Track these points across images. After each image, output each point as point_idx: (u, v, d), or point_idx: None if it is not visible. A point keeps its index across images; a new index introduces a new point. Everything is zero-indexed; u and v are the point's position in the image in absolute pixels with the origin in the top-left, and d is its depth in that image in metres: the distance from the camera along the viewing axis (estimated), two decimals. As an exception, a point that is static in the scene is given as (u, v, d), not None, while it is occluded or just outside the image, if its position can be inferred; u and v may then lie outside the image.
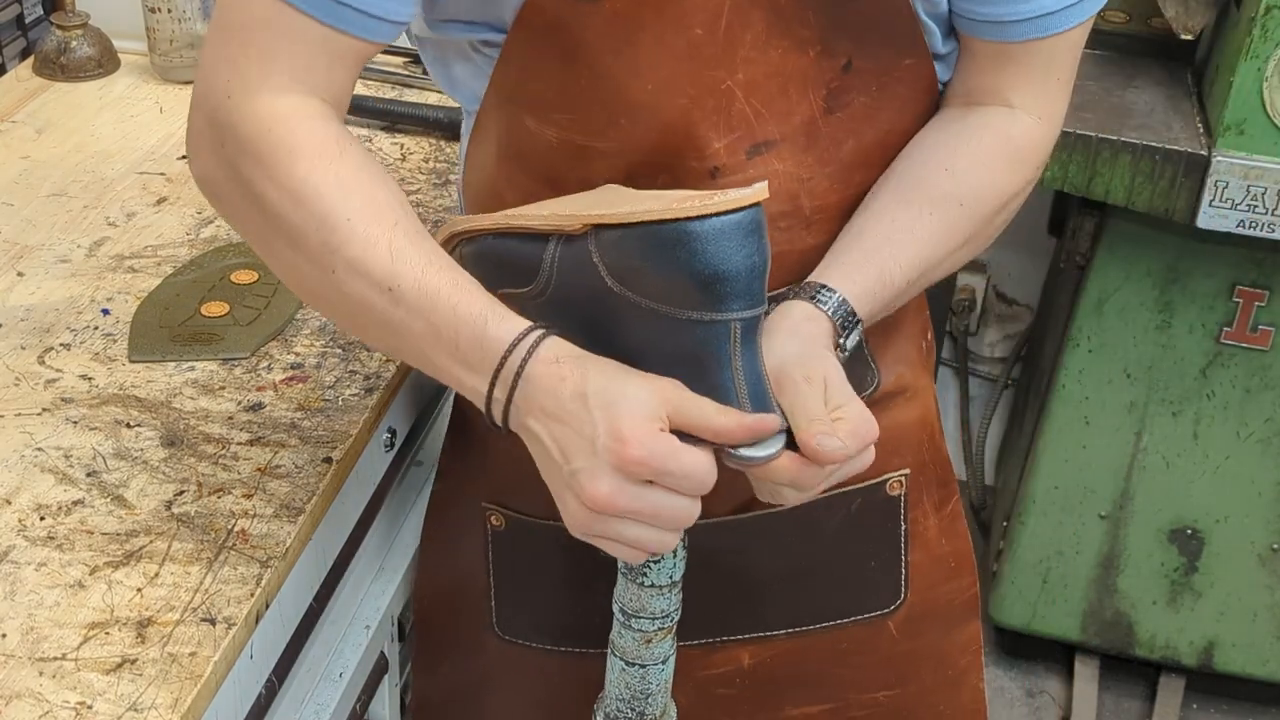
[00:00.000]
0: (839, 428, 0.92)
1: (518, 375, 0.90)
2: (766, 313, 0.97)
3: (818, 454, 0.91)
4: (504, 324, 0.92)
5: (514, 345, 0.91)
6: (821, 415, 0.93)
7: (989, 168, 1.09)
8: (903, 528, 1.23)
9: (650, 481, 0.87)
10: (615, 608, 1.04)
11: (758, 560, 1.19)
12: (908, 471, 1.22)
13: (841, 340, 1.02)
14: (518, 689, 1.29)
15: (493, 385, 0.91)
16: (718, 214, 0.90)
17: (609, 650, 1.06)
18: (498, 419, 0.93)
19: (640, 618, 1.02)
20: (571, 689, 1.19)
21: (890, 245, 1.06)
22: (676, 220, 0.89)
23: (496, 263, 1.00)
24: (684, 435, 0.90)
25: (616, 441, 0.86)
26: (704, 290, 0.91)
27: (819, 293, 1.02)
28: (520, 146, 1.07)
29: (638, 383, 0.89)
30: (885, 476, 1.21)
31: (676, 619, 1.04)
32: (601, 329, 0.95)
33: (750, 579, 1.20)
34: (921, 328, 1.25)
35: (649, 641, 1.03)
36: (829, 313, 1.01)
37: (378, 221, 0.93)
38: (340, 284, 0.93)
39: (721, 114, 1.02)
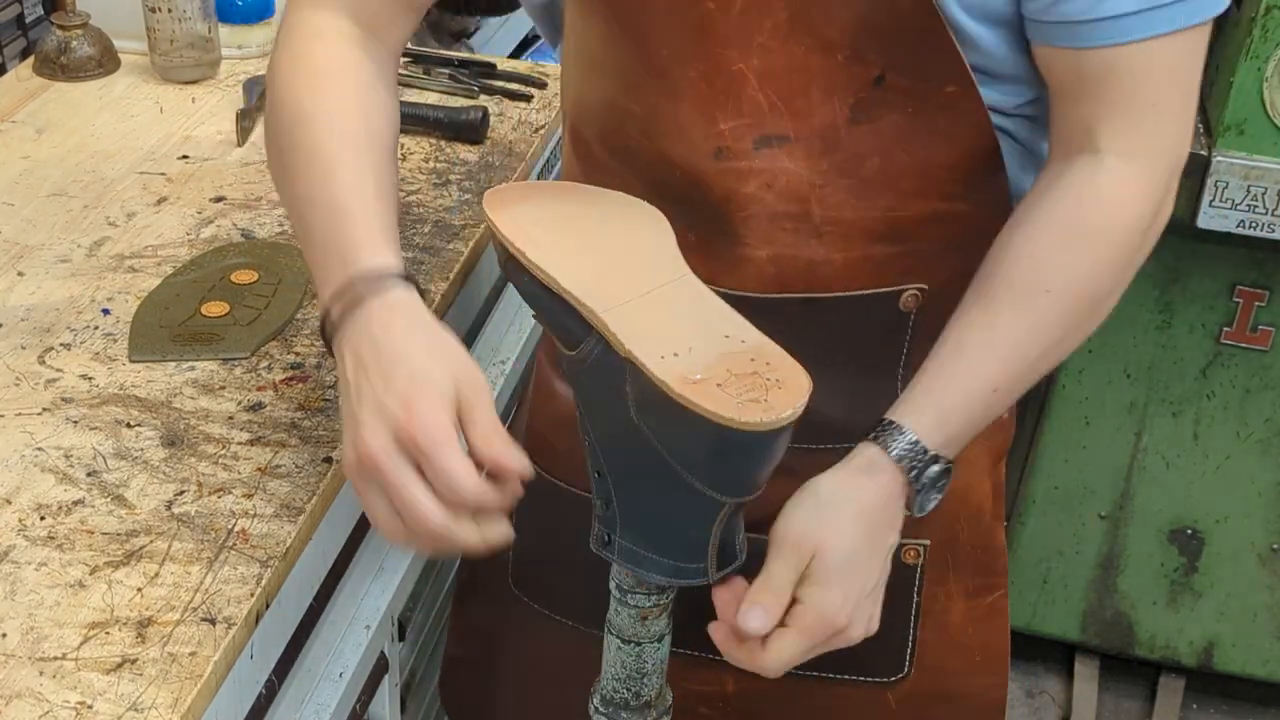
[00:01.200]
0: (792, 611, 0.94)
1: (354, 303, 0.93)
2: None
3: (736, 623, 0.94)
4: (378, 257, 0.95)
5: (369, 277, 0.94)
6: (775, 588, 0.94)
7: (1076, 245, 0.99)
8: (914, 600, 1.20)
9: (420, 470, 0.88)
10: (611, 584, 1.04)
11: None
12: (927, 543, 1.18)
13: (914, 478, 0.98)
14: (527, 651, 1.28)
15: (333, 300, 0.95)
16: (753, 431, 0.88)
17: (605, 629, 1.06)
18: (324, 334, 0.96)
19: (636, 593, 1.03)
20: (576, 666, 1.18)
21: (970, 356, 1.00)
22: (713, 418, 0.88)
23: (548, 309, 1.00)
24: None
25: (403, 410, 0.88)
26: (714, 477, 0.93)
27: (888, 432, 0.99)
28: (587, 100, 1.11)
29: (449, 368, 0.92)
30: (901, 543, 1.14)
31: (672, 596, 1.04)
32: (621, 428, 0.95)
33: None
34: None
35: (645, 618, 1.04)
36: (895, 456, 0.98)
37: (344, 117, 1.02)
38: (291, 145, 1.02)
39: (731, 96, 1.01)
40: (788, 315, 1.09)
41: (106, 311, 1.29)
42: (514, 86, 1.73)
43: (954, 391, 0.99)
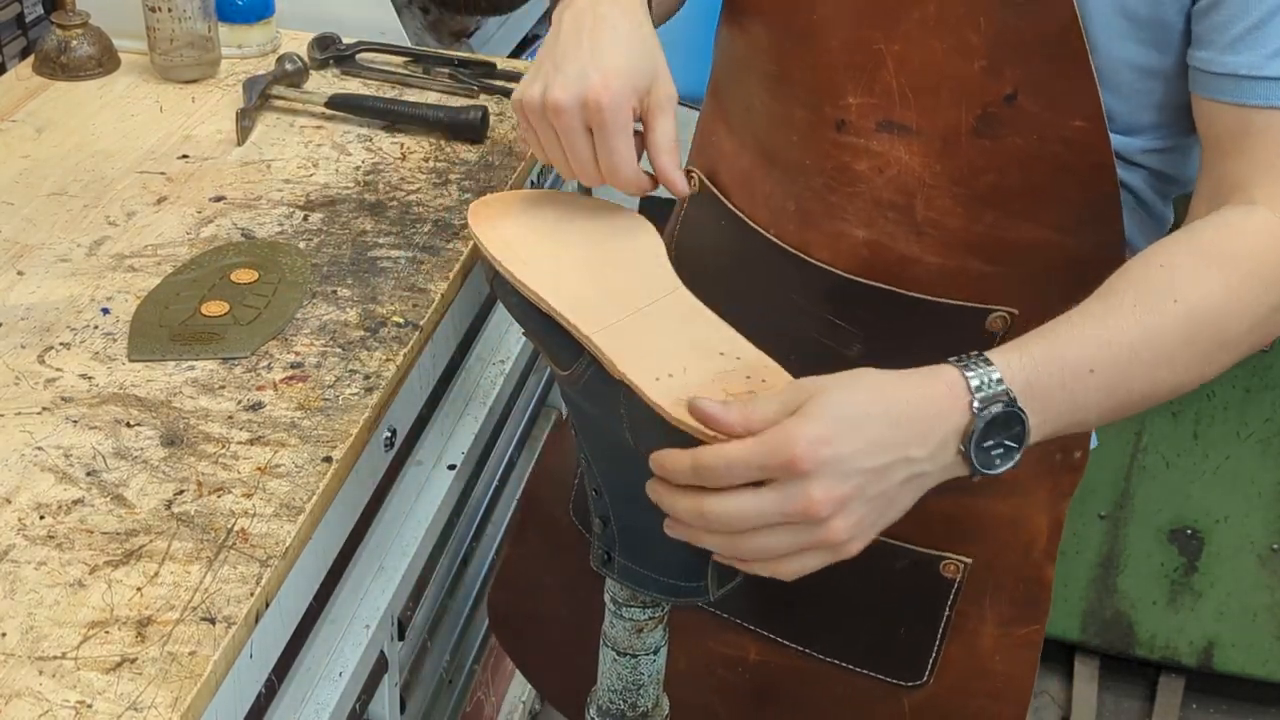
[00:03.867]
0: (746, 401, 0.86)
1: None
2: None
3: (690, 406, 0.86)
4: None
5: None
6: (750, 406, 0.86)
7: (1213, 263, 0.93)
8: (946, 614, 1.19)
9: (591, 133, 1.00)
10: (607, 597, 1.05)
11: None
12: (970, 562, 1.17)
13: (977, 407, 0.86)
14: (575, 576, 1.29)
15: None
16: None
17: (601, 641, 1.06)
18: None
19: (631, 606, 1.03)
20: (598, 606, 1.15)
21: (1077, 330, 0.91)
22: (709, 441, 0.86)
23: (537, 328, 1.00)
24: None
25: (602, 83, 0.98)
26: None
27: (969, 357, 0.89)
28: (736, 53, 1.16)
29: (653, 70, 1.01)
30: (943, 554, 1.15)
31: (668, 609, 1.04)
32: (616, 447, 0.95)
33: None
34: (1064, 440, 1.10)
35: (640, 631, 1.04)
36: (963, 368, 0.88)
37: None
38: None
39: (865, 72, 1.03)
40: (874, 306, 1.09)
41: (106, 311, 1.29)
42: (514, 86, 1.73)
43: (1050, 349, 0.90)
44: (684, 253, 1.23)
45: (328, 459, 1.12)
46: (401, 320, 1.29)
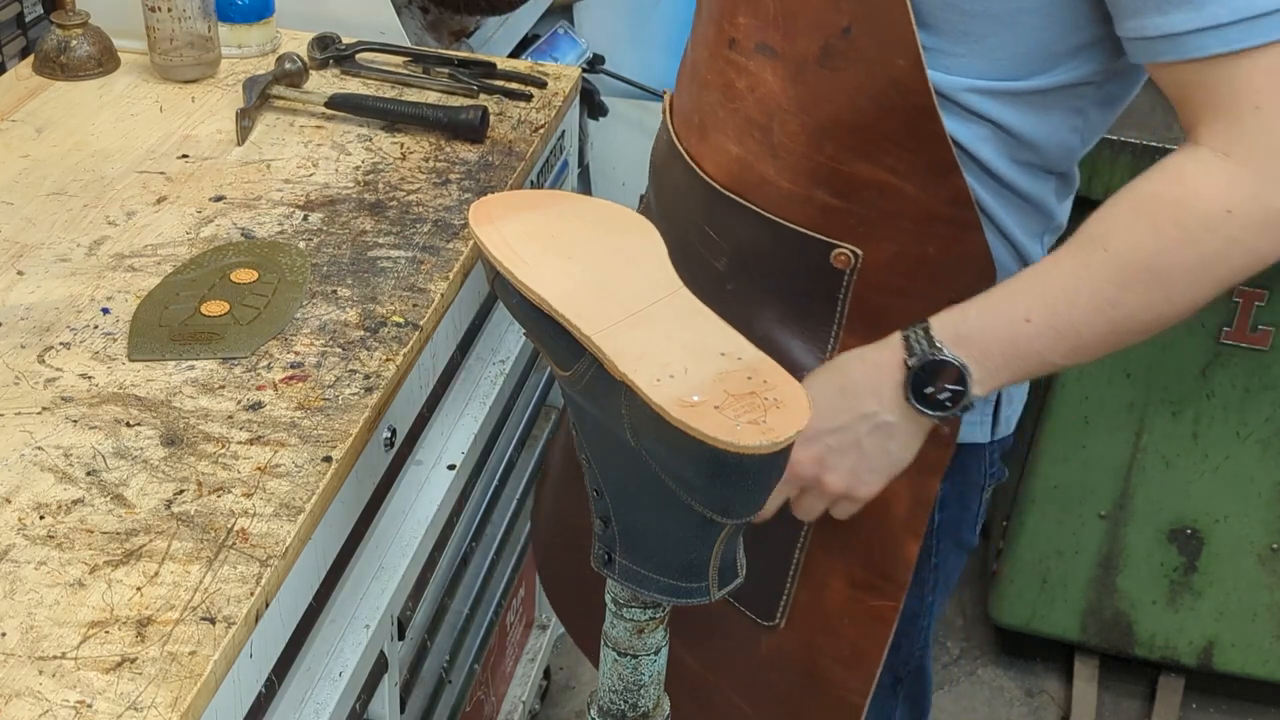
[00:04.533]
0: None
1: None
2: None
3: None
4: None
5: None
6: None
7: (1144, 211, 1.00)
8: (797, 555, 1.23)
9: None
10: (607, 597, 1.04)
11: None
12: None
13: (913, 360, 1.05)
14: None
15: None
16: (753, 454, 0.88)
17: (602, 642, 1.06)
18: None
19: (631, 607, 1.03)
20: None
21: (1014, 284, 1.05)
22: (711, 442, 0.87)
23: (538, 329, 1.00)
24: None
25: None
26: (713, 499, 0.92)
27: (917, 324, 1.07)
28: None
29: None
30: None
31: (669, 609, 1.04)
32: (617, 448, 0.95)
33: None
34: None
35: (641, 631, 1.04)
36: (903, 334, 1.06)
37: None
38: None
39: None
40: (738, 222, 1.16)
41: (106, 311, 1.29)
42: (514, 86, 1.73)
43: (985, 304, 1.04)
44: (652, 172, 1.35)
45: (328, 459, 1.12)
46: (401, 320, 1.29)
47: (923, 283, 1.12)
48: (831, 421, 1.09)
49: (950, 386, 1.05)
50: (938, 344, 1.04)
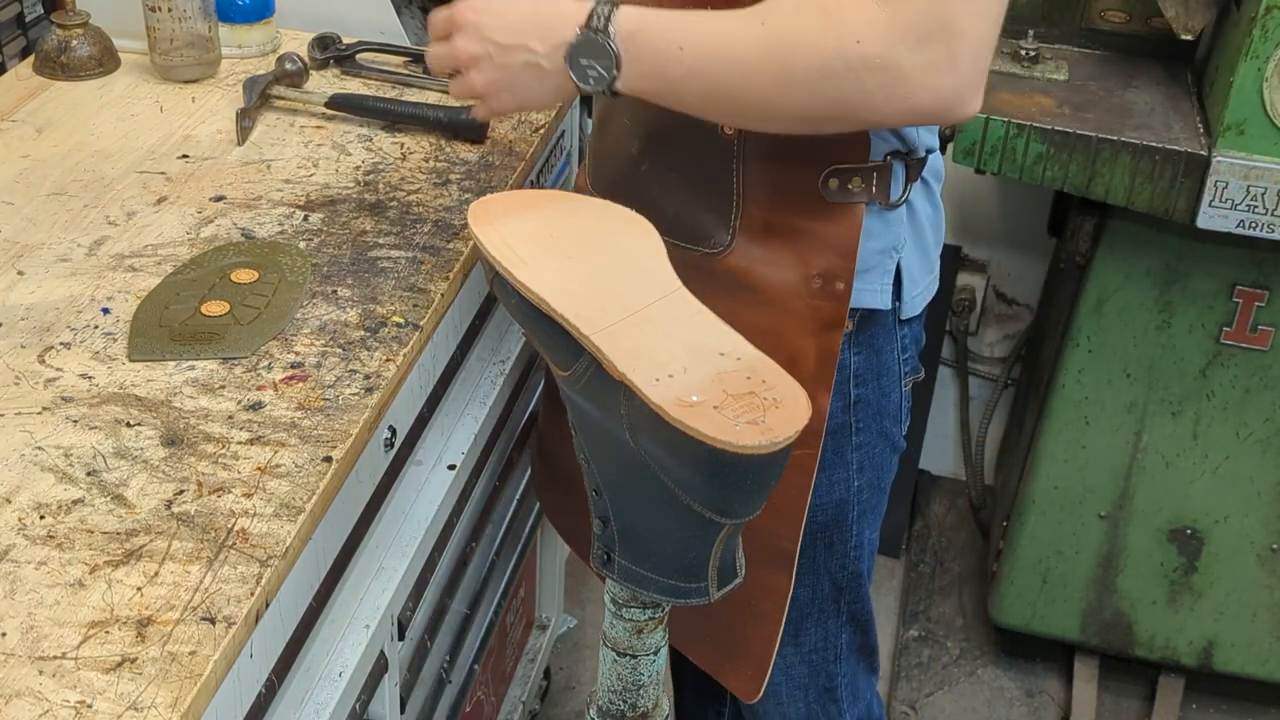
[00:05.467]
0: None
1: None
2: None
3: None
4: None
5: None
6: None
7: (807, 14, 1.10)
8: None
9: None
10: (606, 598, 1.05)
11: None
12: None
13: (580, 28, 1.15)
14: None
15: None
16: (752, 454, 0.88)
17: (601, 641, 1.06)
18: None
19: (631, 607, 1.03)
20: None
21: (685, 15, 1.15)
22: (711, 443, 0.87)
23: (538, 329, 1.00)
24: None
25: None
26: (712, 499, 0.92)
27: (605, 1, 1.16)
28: None
29: None
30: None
31: (668, 609, 1.04)
32: (616, 448, 0.95)
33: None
34: (825, 268, 1.27)
35: (640, 631, 1.04)
36: (592, 4, 1.15)
37: None
38: None
39: None
40: (646, 106, 1.21)
41: (106, 311, 1.29)
42: (514, 86, 1.73)
43: (659, 19, 1.14)
44: None
45: (328, 459, 1.12)
46: (401, 320, 1.29)
47: (798, 146, 1.21)
48: (503, 37, 1.19)
49: (599, 68, 1.15)
50: (611, 31, 1.14)
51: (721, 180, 1.28)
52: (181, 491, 1.08)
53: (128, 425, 1.15)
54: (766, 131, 1.21)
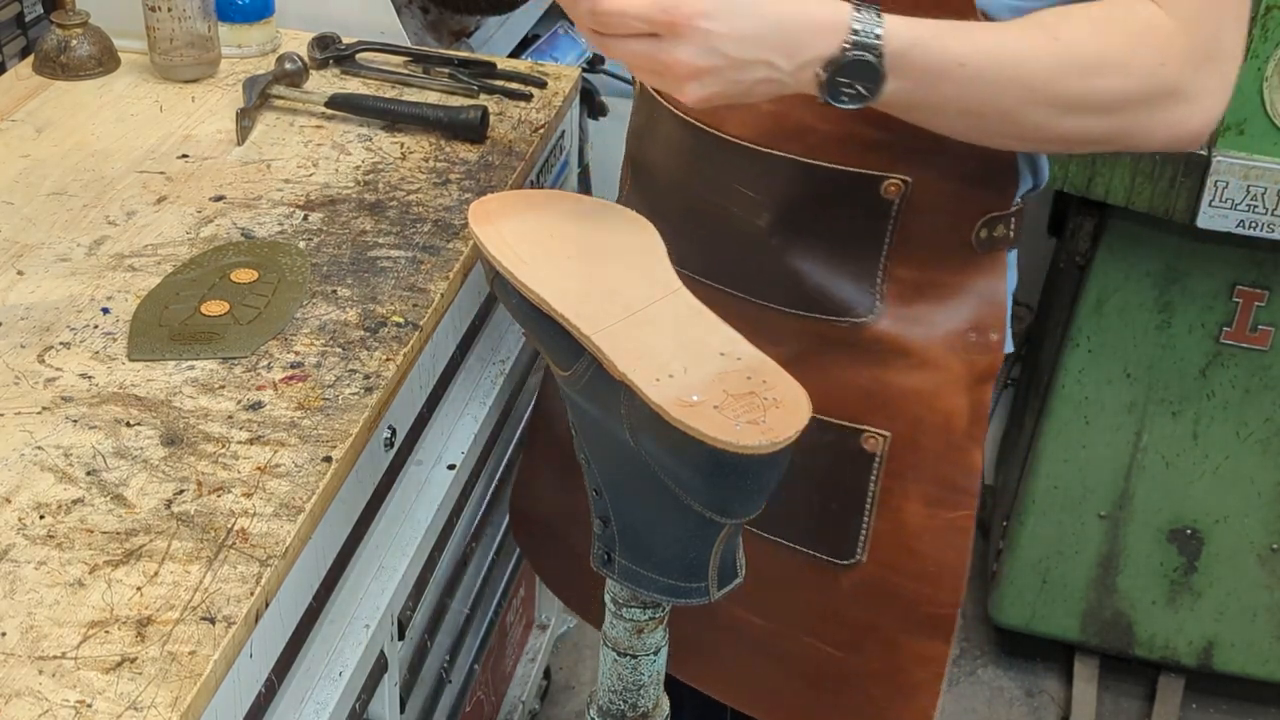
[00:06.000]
0: None
1: None
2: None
3: None
4: None
5: None
6: None
7: (1100, 21, 1.02)
8: (871, 489, 1.24)
9: None
10: (607, 598, 1.04)
11: None
12: (888, 435, 1.22)
13: (854, 29, 0.99)
14: (577, 481, 1.30)
15: None
16: (753, 454, 0.88)
17: (601, 641, 1.06)
18: None
19: (631, 607, 1.03)
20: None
21: (965, 26, 1.02)
22: (711, 443, 0.87)
23: (538, 329, 1.00)
24: None
25: None
26: (713, 499, 0.92)
27: (868, 9, 1.00)
28: None
29: None
30: (863, 428, 1.22)
31: (668, 609, 1.04)
32: (617, 448, 0.95)
33: None
34: (977, 320, 1.22)
35: (640, 631, 1.04)
36: (854, 16, 0.99)
37: None
38: None
39: None
40: (779, 175, 1.16)
41: (106, 310, 1.29)
42: (514, 86, 1.73)
43: (937, 32, 1.01)
44: (631, 144, 1.36)
45: (327, 459, 1.12)
46: (401, 320, 1.29)
47: (959, 198, 1.16)
48: (741, 51, 0.98)
49: (860, 88, 1.00)
50: (881, 50, 0.99)
51: (869, 243, 1.19)
52: (181, 491, 1.08)
53: (127, 425, 1.15)
54: (1016, 149, 1.13)
